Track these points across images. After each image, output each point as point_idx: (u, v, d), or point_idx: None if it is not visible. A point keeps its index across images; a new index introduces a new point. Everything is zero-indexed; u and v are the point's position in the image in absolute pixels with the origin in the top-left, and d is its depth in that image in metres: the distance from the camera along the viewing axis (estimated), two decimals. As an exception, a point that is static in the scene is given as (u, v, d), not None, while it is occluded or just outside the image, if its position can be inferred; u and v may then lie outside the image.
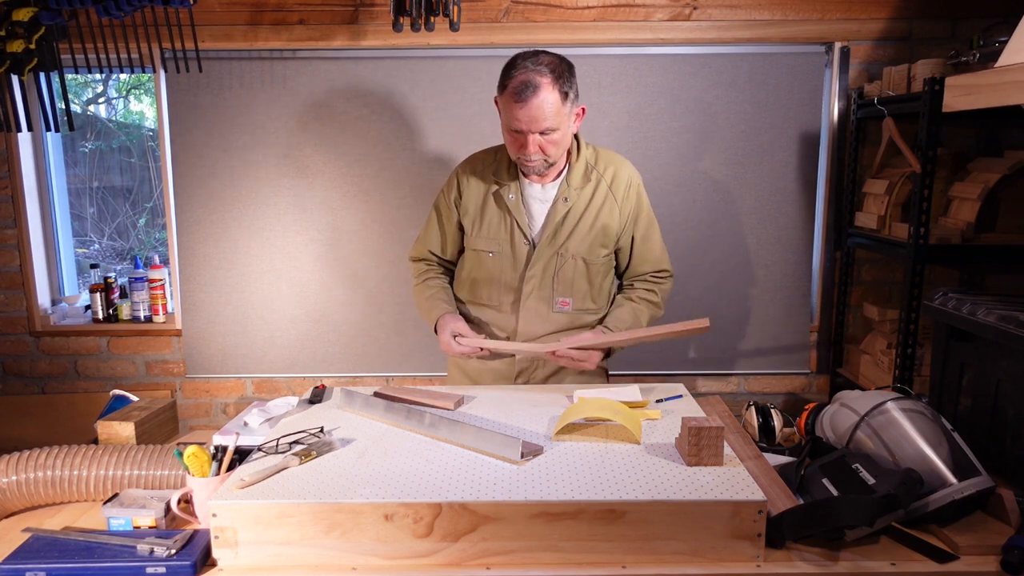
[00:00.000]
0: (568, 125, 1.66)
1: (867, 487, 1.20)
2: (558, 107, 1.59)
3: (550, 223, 1.75)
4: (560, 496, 1.13)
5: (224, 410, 2.97)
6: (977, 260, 2.21)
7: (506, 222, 1.78)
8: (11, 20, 1.81)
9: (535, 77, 1.57)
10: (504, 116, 1.65)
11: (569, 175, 1.75)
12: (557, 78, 1.59)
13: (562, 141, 1.66)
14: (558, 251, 1.77)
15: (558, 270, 1.78)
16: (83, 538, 1.17)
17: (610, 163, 1.79)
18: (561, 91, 1.60)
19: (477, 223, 1.80)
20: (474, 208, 1.80)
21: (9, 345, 2.91)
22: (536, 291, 1.79)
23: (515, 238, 1.78)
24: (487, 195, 1.79)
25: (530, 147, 1.62)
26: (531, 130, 1.60)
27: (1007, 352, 1.43)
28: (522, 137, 1.62)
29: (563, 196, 1.74)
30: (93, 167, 3.32)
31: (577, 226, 1.76)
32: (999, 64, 1.40)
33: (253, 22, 2.63)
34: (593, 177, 1.77)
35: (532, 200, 1.77)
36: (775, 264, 2.79)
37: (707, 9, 2.62)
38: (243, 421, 1.54)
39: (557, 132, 1.62)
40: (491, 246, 1.79)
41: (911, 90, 2.30)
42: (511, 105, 1.59)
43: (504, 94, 1.62)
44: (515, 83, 1.58)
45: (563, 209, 1.74)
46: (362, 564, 1.13)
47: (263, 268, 2.82)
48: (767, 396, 2.90)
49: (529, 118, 1.58)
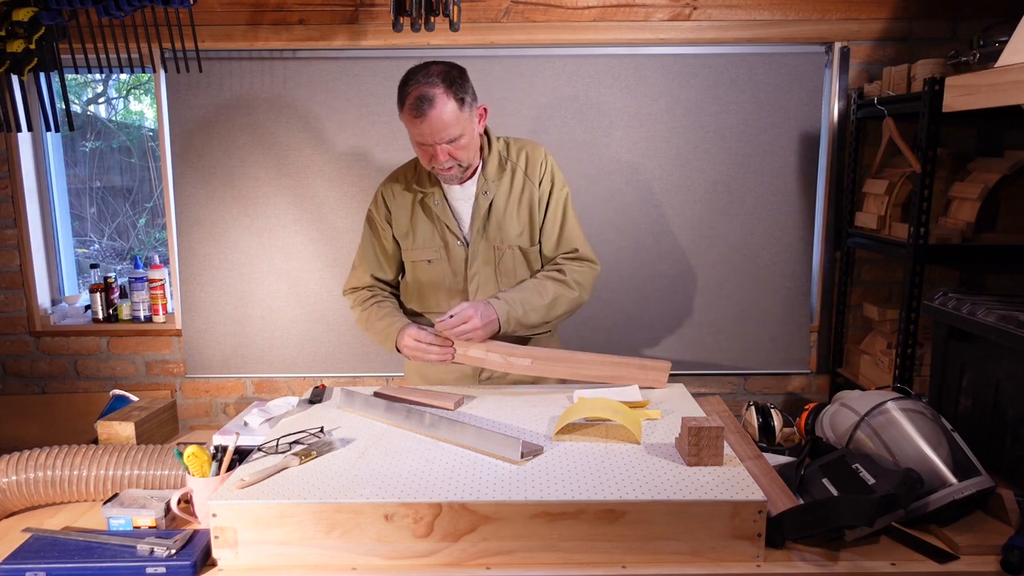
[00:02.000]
0: (472, 128, 1.68)
1: (867, 487, 1.20)
2: (457, 114, 1.62)
3: (476, 219, 1.77)
4: (560, 496, 1.13)
5: (224, 410, 2.97)
6: (977, 260, 2.21)
7: (437, 228, 1.80)
8: (11, 20, 1.81)
9: (428, 90, 1.59)
10: (409, 131, 1.67)
11: (484, 169, 1.77)
12: (449, 86, 1.61)
13: (470, 145, 1.68)
14: (494, 245, 1.79)
15: (498, 263, 1.80)
16: (83, 538, 1.17)
17: (522, 149, 1.81)
18: (456, 98, 1.62)
19: (410, 235, 1.82)
20: (404, 221, 1.82)
21: (9, 345, 2.91)
22: (482, 288, 1.81)
23: (448, 241, 1.80)
24: (414, 205, 1.81)
25: (440, 157, 1.64)
26: (436, 141, 1.62)
27: (1007, 352, 1.43)
28: (431, 149, 1.64)
29: (483, 190, 1.76)
30: (93, 167, 3.32)
31: (505, 216, 1.78)
32: (999, 64, 1.40)
33: (253, 22, 2.63)
34: (508, 166, 1.79)
35: (455, 201, 1.79)
36: (775, 264, 2.79)
37: (707, 9, 2.62)
38: (243, 421, 1.54)
39: (463, 138, 1.65)
40: (427, 254, 1.81)
41: (911, 90, 2.30)
42: (411, 121, 1.62)
43: (403, 111, 1.64)
44: (411, 99, 1.61)
45: (485, 203, 1.76)
46: (362, 564, 1.13)
47: (263, 268, 2.82)
48: (767, 396, 2.90)
49: (431, 131, 1.61)
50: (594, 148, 2.72)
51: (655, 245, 2.78)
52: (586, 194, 2.72)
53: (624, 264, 2.78)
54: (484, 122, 1.74)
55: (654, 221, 2.77)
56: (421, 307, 1.89)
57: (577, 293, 1.80)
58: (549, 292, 1.77)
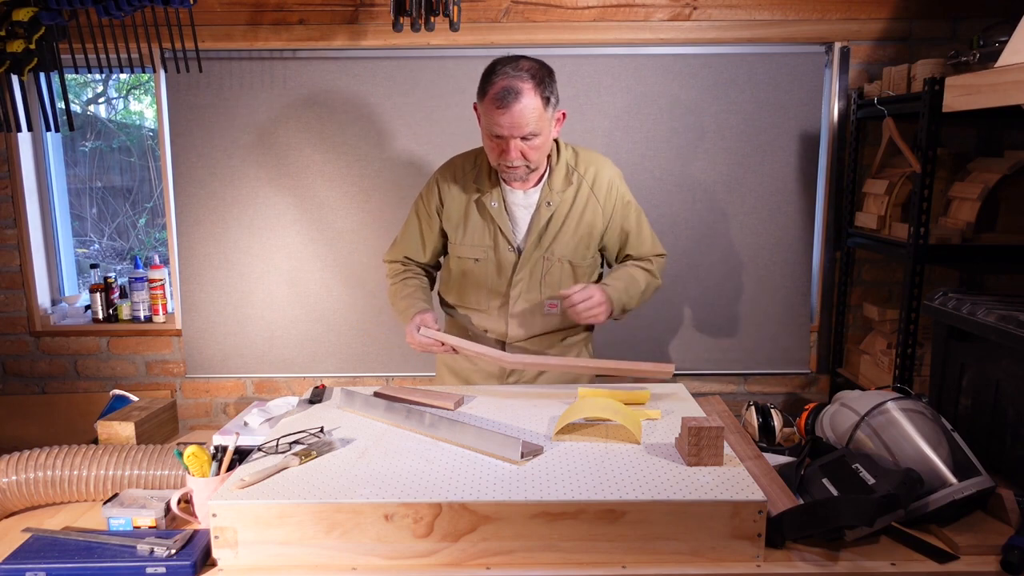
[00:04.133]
0: (549, 130, 1.64)
1: (867, 487, 1.20)
2: (540, 112, 1.58)
3: (534, 229, 1.73)
4: (560, 496, 1.13)
5: (224, 410, 2.97)
6: (977, 260, 2.21)
7: (490, 230, 1.76)
8: (11, 20, 1.81)
9: (516, 83, 1.56)
10: (485, 122, 1.62)
11: (550, 179, 1.73)
12: (538, 83, 1.58)
13: (543, 146, 1.64)
14: (544, 255, 1.76)
15: (545, 274, 1.77)
16: (83, 538, 1.17)
17: (591, 163, 1.78)
18: (543, 96, 1.59)
19: (461, 230, 1.78)
20: (457, 215, 1.78)
21: (9, 345, 2.91)
22: (523, 295, 1.78)
23: (499, 245, 1.76)
24: (469, 203, 1.77)
25: (511, 153, 1.60)
26: (513, 135, 1.58)
27: (1007, 352, 1.43)
28: (503, 143, 1.60)
29: (546, 200, 1.72)
30: (93, 167, 3.32)
31: (562, 229, 1.75)
32: (999, 64, 1.40)
33: (253, 22, 2.63)
34: (574, 179, 1.75)
35: (515, 207, 1.75)
36: (775, 264, 2.79)
37: (707, 9, 2.62)
38: (243, 421, 1.54)
39: (539, 138, 1.61)
40: (475, 253, 1.78)
41: (911, 90, 2.30)
42: (492, 111, 1.57)
43: (485, 100, 1.60)
44: (496, 89, 1.56)
45: (547, 214, 1.73)
46: (362, 564, 1.13)
47: (263, 268, 2.82)
48: (767, 396, 2.90)
49: (511, 124, 1.57)
50: (594, 148, 2.71)
51: (655, 245, 2.78)
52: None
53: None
54: (560, 127, 1.70)
55: (654, 221, 2.72)
56: (459, 301, 1.86)
57: (660, 282, 1.88)
58: (642, 281, 1.80)
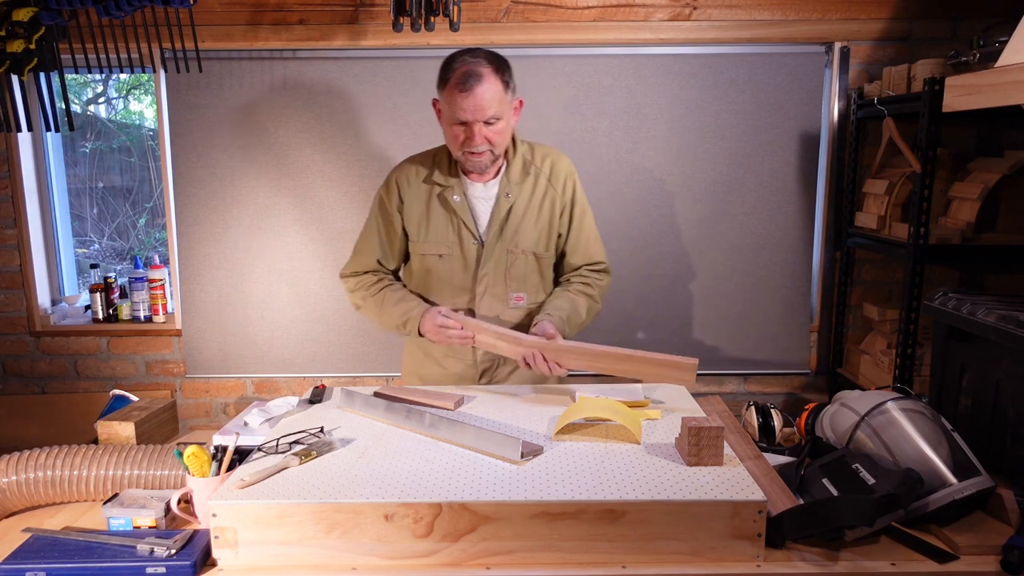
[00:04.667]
0: (510, 115, 1.68)
1: (867, 487, 1.20)
2: (501, 95, 1.63)
3: (495, 220, 1.75)
4: (560, 496, 1.13)
5: (224, 410, 2.97)
6: (977, 260, 2.21)
7: (453, 223, 1.77)
8: (11, 20, 1.81)
9: (476, 68, 1.60)
10: (447, 110, 1.65)
11: (508, 171, 1.76)
12: (496, 68, 1.63)
13: (506, 131, 1.68)
14: (508, 248, 1.77)
15: (509, 267, 1.79)
16: (83, 538, 1.17)
17: (547, 156, 1.81)
18: (503, 80, 1.64)
19: (423, 227, 1.79)
20: (418, 213, 1.79)
21: (9, 345, 2.91)
22: (490, 289, 1.79)
23: (464, 239, 1.77)
24: (430, 198, 1.78)
25: (476, 138, 1.63)
26: (477, 119, 1.61)
27: (1007, 352, 1.43)
28: (468, 128, 1.63)
29: (505, 192, 1.75)
30: (93, 167, 3.32)
31: (523, 221, 1.77)
32: (999, 64, 1.40)
33: (253, 22, 2.63)
34: (532, 171, 1.78)
35: (475, 199, 1.77)
36: (775, 264, 2.79)
37: (707, 9, 2.62)
38: (243, 421, 1.54)
39: (501, 122, 1.65)
40: (440, 249, 1.79)
41: (911, 90, 2.30)
42: (456, 96, 1.61)
43: (447, 87, 1.63)
44: (458, 74, 1.60)
45: (506, 205, 1.75)
46: (362, 564, 1.13)
47: (263, 268, 2.82)
48: (767, 396, 2.90)
49: (475, 107, 1.60)
50: (594, 148, 2.71)
51: (655, 245, 2.78)
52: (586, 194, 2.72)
53: (624, 264, 2.77)
54: (518, 116, 1.74)
55: (654, 221, 2.77)
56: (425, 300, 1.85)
57: (600, 306, 1.86)
58: (583, 308, 1.79)
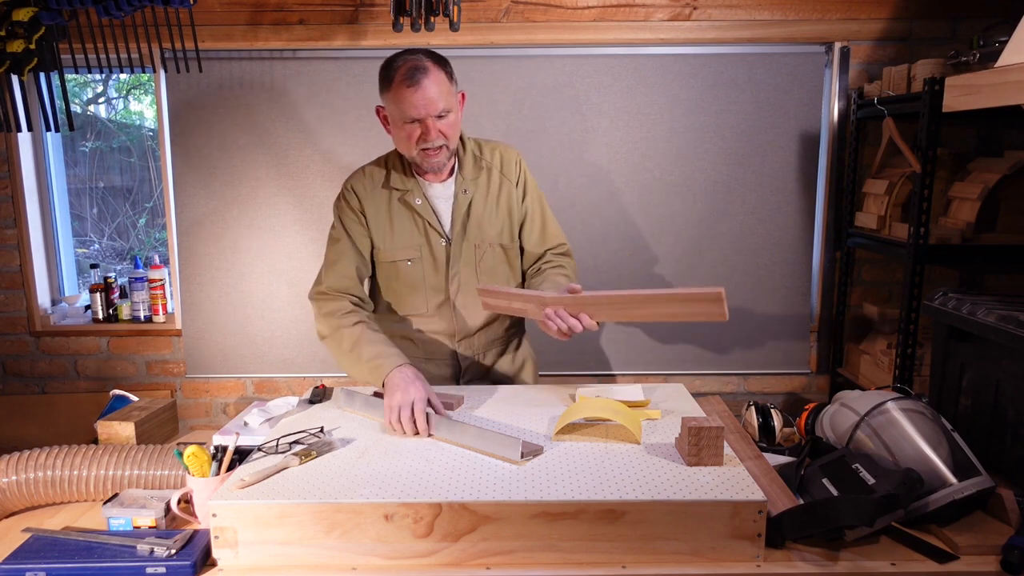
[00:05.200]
0: (457, 108, 1.68)
1: (867, 487, 1.20)
2: (448, 87, 1.63)
3: (458, 218, 1.75)
4: (560, 496, 1.13)
5: (224, 410, 2.97)
6: (977, 260, 2.21)
7: (419, 226, 1.75)
8: (11, 20, 1.81)
9: (419, 63, 1.60)
10: (396, 111, 1.62)
11: (461, 168, 1.76)
12: (436, 61, 1.63)
13: (456, 124, 1.68)
14: (475, 244, 1.77)
15: (479, 262, 1.78)
16: (83, 538, 1.17)
17: (494, 148, 1.82)
18: (446, 72, 1.64)
19: (388, 234, 1.75)
20: (381, 219, 1.75)
21: (9, 345, 2.91)
22: (463, 286, 1.78)
23: (431, 239, 1.75)
24: (390, 203, 1.75)
25: (432, 132, 1.61)
26: (429, 113, 1.60)
27: (1007, 352, 1.43)
28: (421, 125, 1.62)
29: (462, 188, 1.75)
30: (93, 167, 3.32)
31: (484, 214, 1.77)
32: (999, 64, 1.41)
33: (253, 22, 2.63)
34: (483, 165, 1.79)
35: (436, 200, 1.76)
36: (775, 264, 2.79)
37: (707, 9, 2.62)
38: (243, 421, 1.54)
39: (452, 114, 1.64)
40: (408, 254, 1.76)
41: (911, 90, 2.30)
42: (404, 92, 1.59)
43: (393, 86, 1.61)
44: (403, 71, 1.59)
45: (465, 201, 1.75)
46: (362, 564, 1.13)
47: (263, 268, 2.82)
48: (767, 396, 2.90)
49: (425, 100, 1.59)
50: (594, 148, 2.71)
51: (655, 245, 2.78)
52: (586, 194, 2.72)
53: (624, 264, 2.78)
54: (463, 108, 1.73)
55: (654, 221, 2.77)
56: (400, 309, 1.82)
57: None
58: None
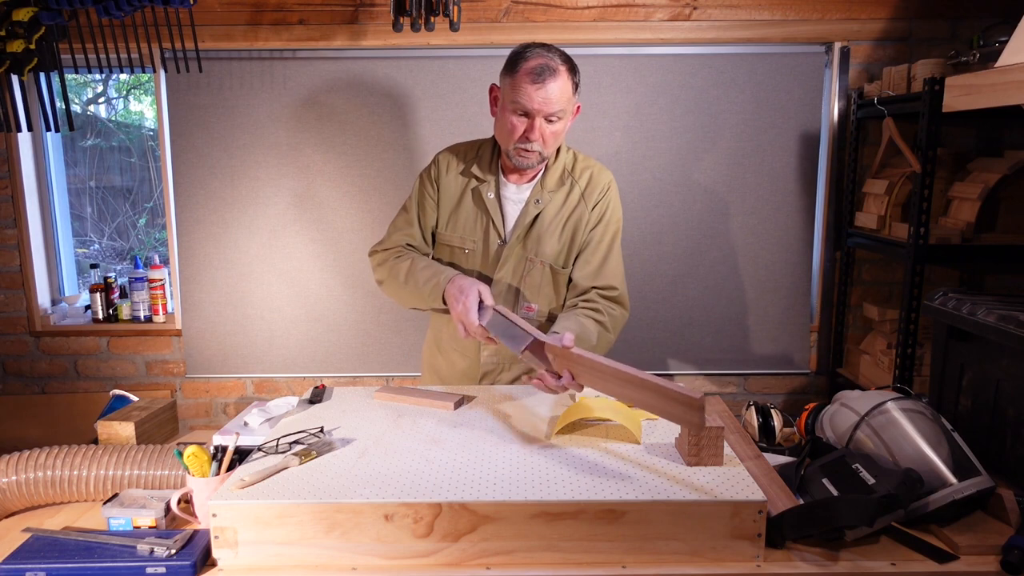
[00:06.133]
0: (569, 117, 1.65)
1: (867, 487, 1.20)
2: (569, 96, 1.60)
3: (520, 225, 1.72)
4: (560, 496, 1.13)
5: (224, 410, 2.97)
6: (977, 260, 2.21)
7: (481, 221, 1.74)
8: (11, 20, 1.81)
9: (552, 63, 1.57)
10: (511, 98, 1.59)
11: (544, 177, 1.72)
12: (570, 69, 1.61)
13: (561, 133, 1.65)
14: (527, 256, 1.73)
15: (525, 275, 1.74)
16: (83, 538, 1.17)
17: (588, 168, 1.76)
18: (573, 82, 1.61)
19: (452, 218, 1.76)
20: (451, 201, 1.75)
21: (9, 345, 2.91)
22: (504, 293, 1.76)
23: (489, 237, 1.74)
24: (464, 190, 1.75)
25: (536, 132, 1.59)
26: (542, 111, 1.57)
27: (1007, 352, 1.43)
28: (528, 121, 1.59)
29: (535, 198, 1.71)
30: (93, 167, 3.32)
31: (547, 231, 1.72)
32: (999, 64, 1.41)
33: (253, 22, 2.63)
34: (568, 181, 1.74)
35: (506, 200, 1.74)
36: (775, 264, 2.79)
37: (707, 9, 2.62)
38: (243, 421, 1.54)
39: (561, 122, 1.62)
40: (464, 243, 1.76)
41: (911, 90, 2.30)
42: (526, 85, 1.56)
43: (517, 74, 1.57)
44: (532, 64, 1.56)
45: (534, 211, 1.71)
46: (362, 564, 1.13)
47: (263, 268, 2.82)
48: (767, 396, 2.90)
49: (544, 99, 1.56)
50: (594, 148, 2.71)
51: (655, 245, 2.78)
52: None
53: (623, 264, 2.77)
54: (573, 121, 1.69)
55: (654, 221, 2.77)
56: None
57: (613, 337, 1.71)
58: (592, 332, 1.64)
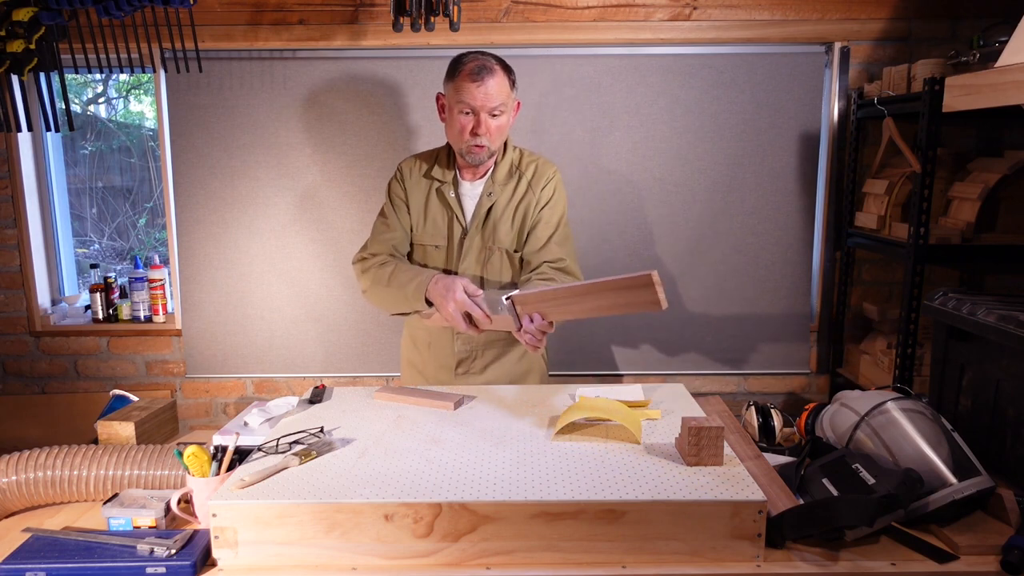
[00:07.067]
0: (511, 113, 1.81)
1: (867, 487, 1.20)
2: (507, 91, 1.76)
3: (477, 216, 1.86)
4: (560, 496, 1.13)
5: (224, 410, 2.97)
6: (977, 260, 2.21)
7: (446, 217, 1.89)
8: (11, 20, 1.81)
9: (488, 63, 1.73)
10: (456, 99, 1.74)
11: (494, 172, 1.87)
12: (504, 68, 1.76)
13: (505, 127, 1.80)
14: (486, 244, 1.87)
15: (486, 263, 1.88)
16: (83, 538, 1.17)
17: (533, 161, 1.91)
18: (510, 79, 1.77)
19: (422, 220, 1.90)
20: (419, 204, 1.90)
21: (9, 345, 2.91)
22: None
23: (454, 231, 1.88)
24: (429, 191, 1.90)
25: (483, 126, 1.73)
26: (484, 107, 1.72)
27: (1007, 352, 1.43)
28: (474, 118, 1.74)
29: (487, 191, 1.86)
30: (93, 167, 3.32)
31: (501, 219, 1.86)
32: (999, 64, 1.41)
33: (253, 22, 2.63)
34: (516, 174, 1.89)
35: (464, 196, 1.89)
36: (775, 264, 2.79)
37: (707, 9, 2.62)
38: (243, 421, 1.54)
39: (504, 116, 1.77)
40: (436, 240, 1.90)
41: (911, 90, 2.30)
42: (467, 85, 1.72)
43: (457, 78, 1.74)
44: (471, 66, 1.72)
45: (487, 203, 1.85)
46: (362, 564, 1.13)
47: (263, 268, 2.82)
48: (767, 396, 2.90)
49: (484, 95, 1.71)
50: (594, 148, 2.72)
51: (655, 245, 2.78)
52: (586, 194, 2.72)
53: (623, 264, 2.77)
54: (515, 117, 1.85)
55: (654, 221, 2.77)
56: None
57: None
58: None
